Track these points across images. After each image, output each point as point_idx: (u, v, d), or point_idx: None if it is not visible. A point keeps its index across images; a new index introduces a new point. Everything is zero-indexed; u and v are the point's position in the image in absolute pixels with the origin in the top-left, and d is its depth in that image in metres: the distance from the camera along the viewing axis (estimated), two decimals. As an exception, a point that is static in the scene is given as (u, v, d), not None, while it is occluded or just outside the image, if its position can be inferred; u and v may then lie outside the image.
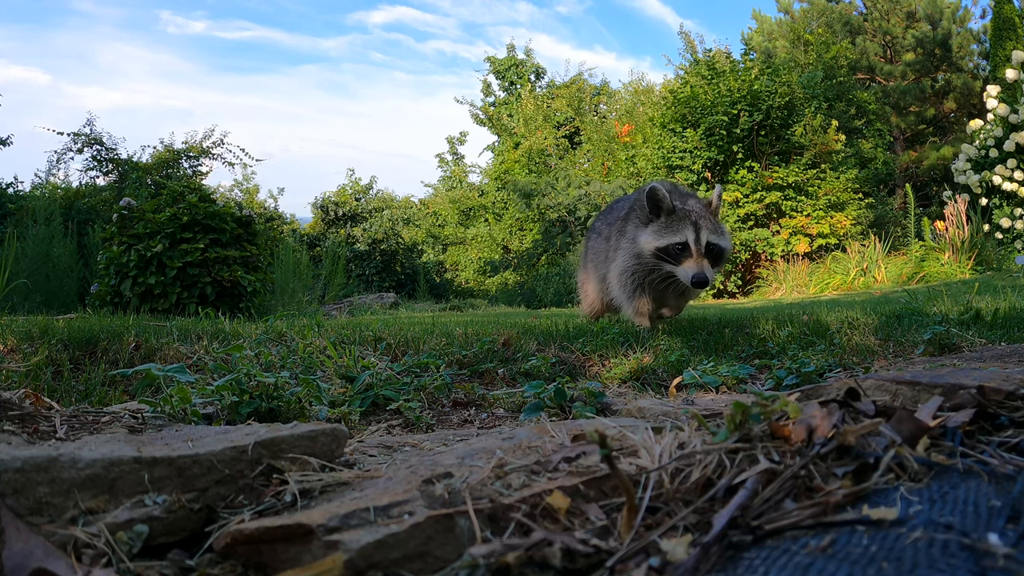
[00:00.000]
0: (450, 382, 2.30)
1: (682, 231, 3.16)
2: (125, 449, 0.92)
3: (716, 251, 3.21)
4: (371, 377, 2.14)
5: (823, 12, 21.22)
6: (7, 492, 0.80)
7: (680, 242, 3.15)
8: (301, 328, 3.07)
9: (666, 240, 3.18)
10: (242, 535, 0.79)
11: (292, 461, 1.01)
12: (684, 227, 3.17)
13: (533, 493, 0.81)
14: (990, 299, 3.71)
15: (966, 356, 2.30)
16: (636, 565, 0.67)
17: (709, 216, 3.25)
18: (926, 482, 0.76)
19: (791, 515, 0.71)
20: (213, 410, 1.68)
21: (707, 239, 3.16)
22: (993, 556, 0.58)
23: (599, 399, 1.98)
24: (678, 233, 3.16)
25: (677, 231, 3.17)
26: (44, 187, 11.95)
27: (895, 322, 3.12)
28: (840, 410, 0.92)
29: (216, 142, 14.07)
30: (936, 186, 18.31)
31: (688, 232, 3.15)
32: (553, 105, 22.12)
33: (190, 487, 0.91)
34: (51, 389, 2.05)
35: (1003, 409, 0.93)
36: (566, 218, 17.27)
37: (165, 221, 5.75)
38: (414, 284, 18.23)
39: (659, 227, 3.22)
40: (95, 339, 2.59)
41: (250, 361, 2.25)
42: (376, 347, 2.82)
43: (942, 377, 1.16)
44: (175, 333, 2.85)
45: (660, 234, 3.20)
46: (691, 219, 3.19)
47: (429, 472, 0.89)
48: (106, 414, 1.59)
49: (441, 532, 0.75)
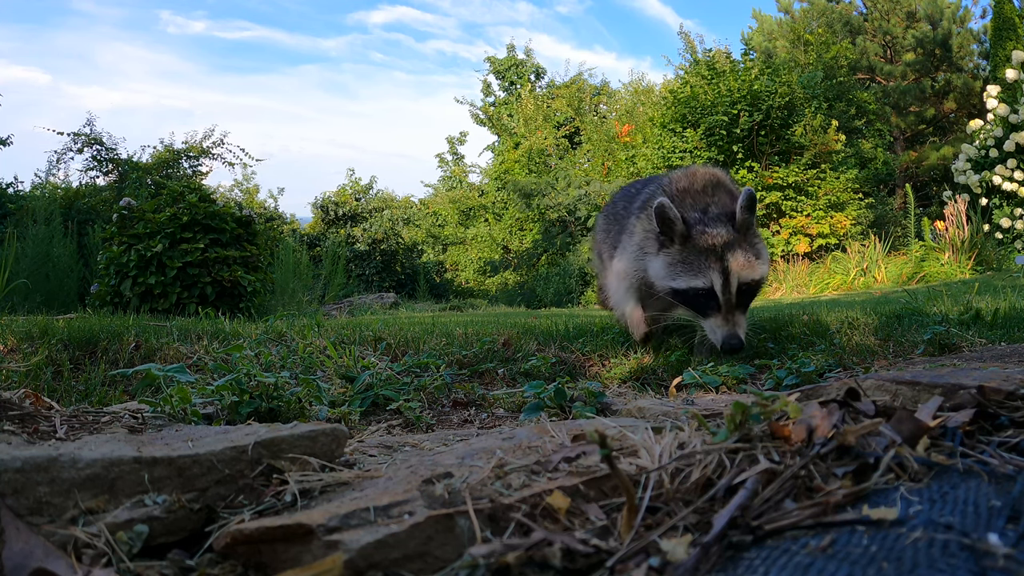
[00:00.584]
0: (450, 382, 2.30)
1: (704, 271, 2.40)
2: (125, 449, 0.92)
3: (752, 288, 2.46)
4: (371, 377, 2.14)
5: (823, 12, 21.21)
6: (7, 492, 0.80)
7: (702, 288, 2.40)
8: (301, 328, 3.07)
9: (684, 282, 2.43)
10: (242, 535, 0.79)
11: (292, 461, 1.01)
12: (707, 265, 2.40)
13: (533, 493, 0.81)
14: (990, 299, 3.71)
15: (966, 356, 2.30)
16: (636, 565, 0.67)
17: (741, 238, 2.45)
18: (926, 482, 0.76)
19: (791, 515, 0.71)
20: (213, 410, 1.68)
21: (739, 278, 2.39)
22: (993, 556, 0.58)
23: (599, 399, 1.99)
24: (699, 274, 2.40)
25: (697, 271, 2.41)
26: (44, 187, 11.95)
27: (895, 322, 3.12)
28: (840, 410, 0.92)
29: (216, 142, 14.07)
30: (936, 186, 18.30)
31: (713, 273, 2.38)
32: (553, 105, 22.12)
33: (190, 487, 0.91)
34: (51, 389, 2.05)
35: (1003, 409, 0.93)
36: (566, 218, 17.28)
37: (165, 221, 5.75)
38: (414, 284, 18.23)
39: (673, 260, 2.47)
40: (95, 339, 2.59)
41: (250, 361, 2.25)
42: (376, 347, 2.82)
43: (942, 377, 1.16)
44: (175, 333, 2.85)
45: (675, 271, 2.46)
46: (716, 252, 2.40)
47: (429, 472, 0.89)
48: (106, 414, 1.59)
49: (441, 532, 0.75)
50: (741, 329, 2.41)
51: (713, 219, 2.48)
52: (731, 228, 2.45)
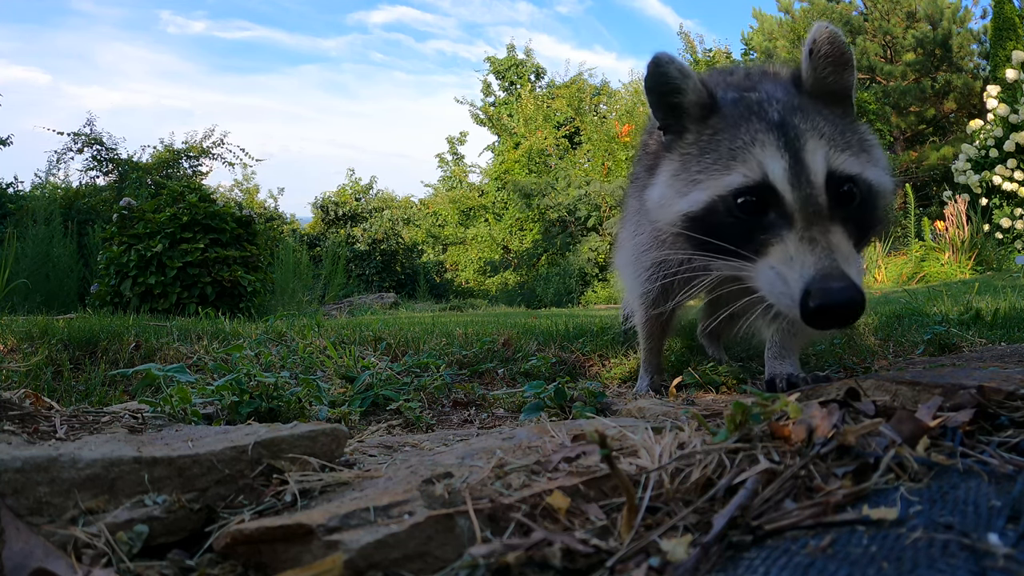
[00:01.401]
0: (450, 382, 2.30)
1: (747, 152, 1.33)
2: (125, 449, 0.92)
3: (855, 194, 1.33)
4: (371, 377, 2.14)
5: (823, 12, 21.21)
6: (7, 492, 0.80)
7: (745, 185, 1.31)
8: (301, 328, 3.07)
9: (707, 188, 1.36)
10: (242, 535, 0.79)
11: (292, 461, 1.01)
12: (753, 141, 1.34)
13: (533, 493, 0.81)
14: (990, 299, 3.71)
15: (966, 356, 2.30)
16: (636, 565, 0.67)
17: (821, 106, 1.41)
18: (926, 482, 0.76)
19: (791, 515, 0.71)
20: (213, 410, 1.68)
21: (828, 164, 1.30)
22: (993, 556, 0.58)
23: (599, 399, 1.98)
24: (737, 161, 1.34)
25: (734, 156, 1.35)
26: (44, 187, 11.96)
27: (895, 322, 3.12)
28: (840, 410, 0.92)
29: (216, 142, 14.09)
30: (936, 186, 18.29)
31: (768, 152, 1.31)
32: (553, 105, 22.10)
33: (190, 487, 0.91)
34: (51, 389, 2.05)
35: (1003, 409, 0.93)
36: (566, 218, 17.28)
37: (165, 221, 5.75)
38: (414, 284, 18.23)
39: (687, 156, 1.44)
40: (95, 339, 2.59)
41: (250, 361, 2.25)
42: (376, 347, 2.82)
43: (942, 377, 1.16)
44: (175, 333, 2.85)
45: (689, 174, 1.41)
46: (770, 119, 1.36)
47: (429, 472, 0.89)
48: (106, 414, 1.58)
49: (441, 532, 0.75)
50: (848, 262, 1.22)
51: (760, 84, 1.51)
52: (795, 92, 1.44)
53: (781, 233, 1.26)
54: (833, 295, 1.15)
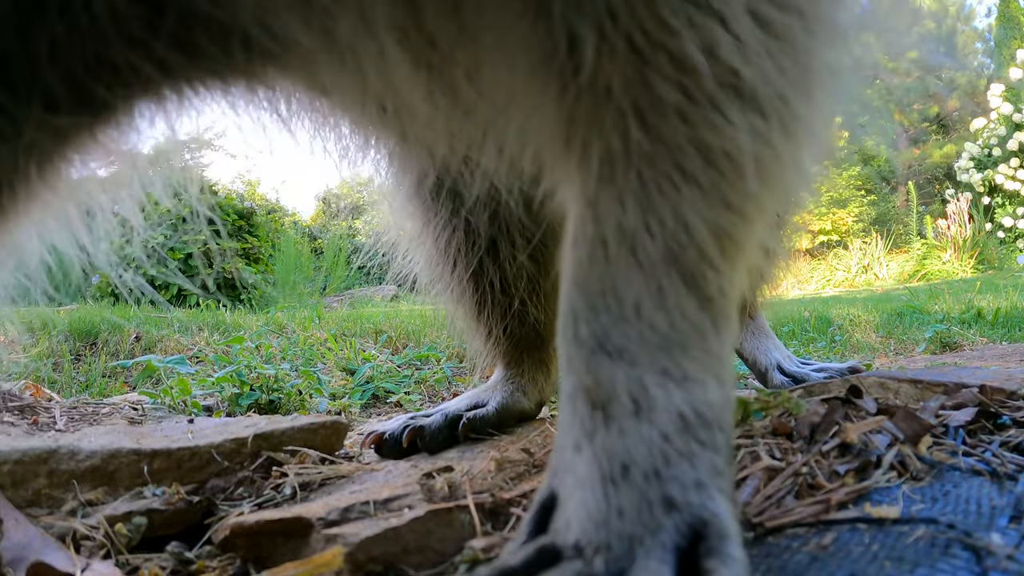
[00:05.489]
0: (450, 375, 2.30)
1: None
2: (124, 441, 0.92)
3: None
4: (372, 370, 2.14)
5: (827, 8, 21.12)
6: (6, 483, 0.80)
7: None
8: (302, 320, 3.07)
9: None
10: (241, 528, 0.79)
11: (292, 453, 1.01)
12: None
13: (534, 487, 0.80)
14: (992, 298, 3.71)
15: (967, 355, 2.30)
16: (636, 561, 0.66)
17: None
18: (928, 481, 0.76)
19: (792, 512, 0.71)
20: (213, 402, 1.68)
21: None
22: (995, 556, 0.58)
23: (599, 394, 1.98)
24: None
25: None
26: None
27: (897, 320, 3.12)
28: (842, 407, 0.91)
29: (218, 133, 14.07)
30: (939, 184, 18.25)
31: None
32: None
33: (189, 479, 0.91)
34: (51, 380, 2.05)
35: (1005, 408, 0.92)
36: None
37: (166, 212, 5.75)
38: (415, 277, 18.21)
39: None
40: (95, 331, 2.59)
41: (251, 353, 2.25)
42: (377, 339, 2.82)
43: (944, 375, 1.16)
44: (175, 325, 2.84)
45: None
46: None
47: (429, 466, 0.89)
48: (106, 405, 1.58)
49: (441, 526, 0.75)
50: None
51: None
52: None
53: None
54: None
